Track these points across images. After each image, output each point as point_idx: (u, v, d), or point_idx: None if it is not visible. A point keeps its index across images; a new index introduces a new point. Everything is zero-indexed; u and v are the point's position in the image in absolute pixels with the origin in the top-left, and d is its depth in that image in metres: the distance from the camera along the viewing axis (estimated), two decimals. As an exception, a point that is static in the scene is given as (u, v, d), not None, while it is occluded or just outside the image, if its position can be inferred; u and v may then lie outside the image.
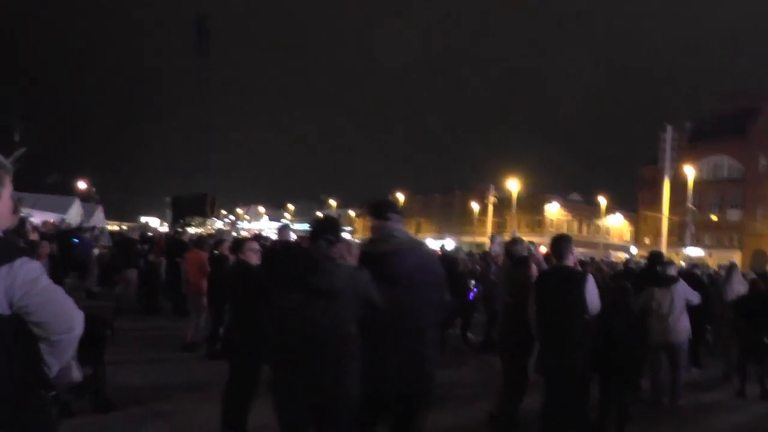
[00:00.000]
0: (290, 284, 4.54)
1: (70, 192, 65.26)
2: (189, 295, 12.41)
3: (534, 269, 7.65)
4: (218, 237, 16.45)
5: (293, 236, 12.69)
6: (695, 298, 9.52)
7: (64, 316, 2.70)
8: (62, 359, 2.76)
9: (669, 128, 53.70)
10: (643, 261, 21.01)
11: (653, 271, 10.81)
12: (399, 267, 4.72)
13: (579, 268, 7.77)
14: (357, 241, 6.96)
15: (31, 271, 2.62)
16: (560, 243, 6.97)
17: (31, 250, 8.66)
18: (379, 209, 5.07)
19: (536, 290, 6.90)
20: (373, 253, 4.83)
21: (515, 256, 8.19)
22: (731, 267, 11.94)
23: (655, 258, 11.66)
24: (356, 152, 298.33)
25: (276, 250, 8.82)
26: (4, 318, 2.55)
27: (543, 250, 10.68)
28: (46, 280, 2.68)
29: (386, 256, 4.75)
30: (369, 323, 4.45)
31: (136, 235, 20.14)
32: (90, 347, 7.69)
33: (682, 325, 9.24)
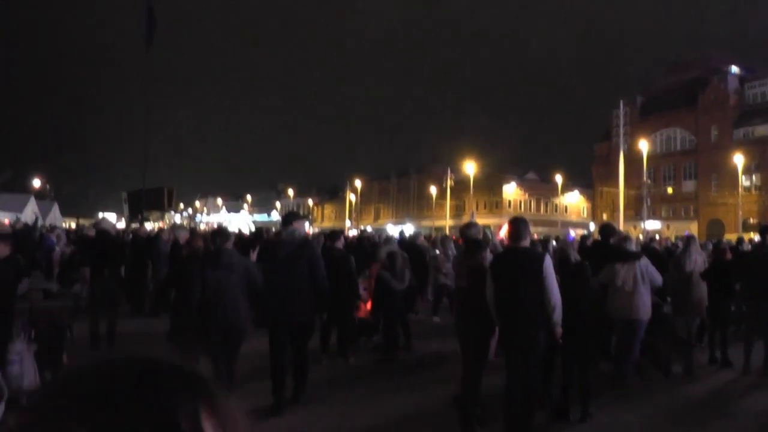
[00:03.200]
0: (209, 263, 7.80)
1: (25, 190, 64.27)
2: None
3: (487, 252, 7.71)
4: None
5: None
6: (658, 279, 9.46)
7: None
8: None
9: (621, 103, 54.14)
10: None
11: (607, 245, 10.83)
12: (283, 252, 7.89)
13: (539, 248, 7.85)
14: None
15: None
16: (517, 225, 7.05)
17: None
18: (287, 218, 8.40)
19: (492, 271, 6.96)
20: (274, 242, 8.75)
21: (469, 239, 8.22)
22: (689, 239, 12.05)
23: (607, 231, 11.58)
24: (312, 140, 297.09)
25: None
26: None
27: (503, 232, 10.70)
28: None
29: (279, 244, 8.19)
30: (270, 285, 7.78)
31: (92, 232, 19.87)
32: (49, 351, 7.62)
33: (645, 302, 9.21)
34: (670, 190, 74.66)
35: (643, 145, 56.77)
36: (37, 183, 72.56)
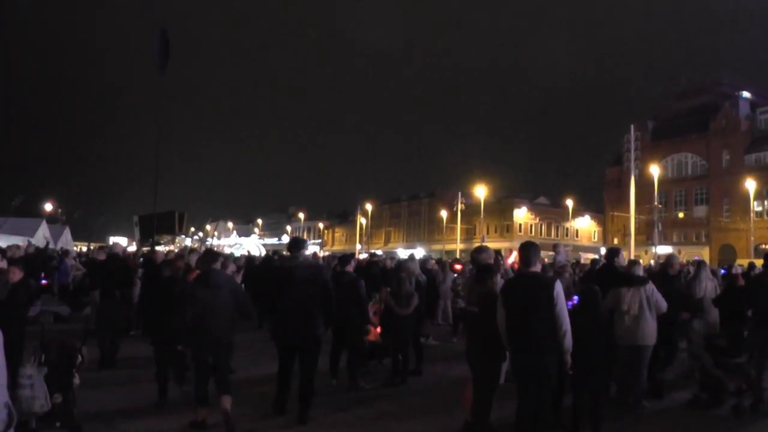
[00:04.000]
0: (199, 284, 8.20)
1: (36, 214, 64.53)
2: None
3: (498, 278, 7.69)
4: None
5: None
6: (663, 306, 9.31)
7: None
8: None
9: (632, 128, 54.11)
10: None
11: (613, 268, 10.74)
12: (296, 275, 8.49)
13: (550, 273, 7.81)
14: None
15: None
16: (528, 249, 7.02)
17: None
18: (294, 245, 9.13)
19: (503, 297, 6.92)
20: (284, 267, 9.09)
21: (480, 264, 8.19)
22: (699, 264, 11.97)
23: (612, 254, 11.46)
24: (323, 164, 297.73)
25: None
26: None
27: (513, 257, 10.69)
28: None
29: (291, 269, 8.65)
30: (283, 304, 8.45)
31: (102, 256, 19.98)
32: (59, 374, 7.63)
33: (651, 327, 9.10)
34: (681, 215, 74.45)
35: (655, 170, 56.77)
36: (48, 207, 72.94)
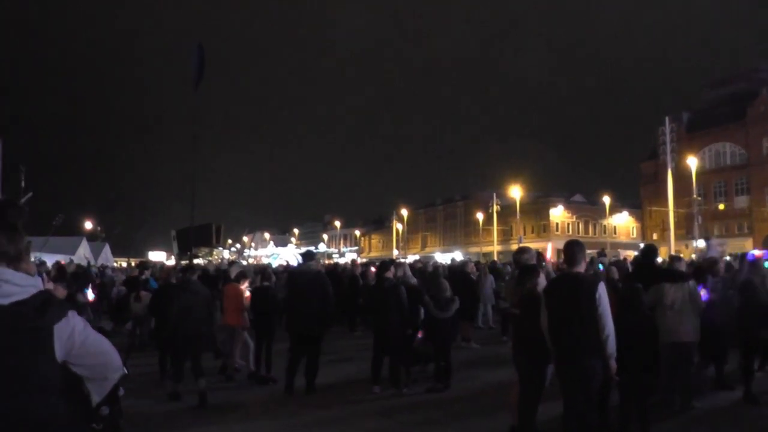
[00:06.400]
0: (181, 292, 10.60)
1: (77, 232, 65.33)
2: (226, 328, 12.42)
3: (542, 278, 7.55)
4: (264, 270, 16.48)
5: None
6: (702, 303, 9.21)
7: (109, 362, 2.94)
8: (103, 394, 2.97)
9: (667, 120, 53.51)
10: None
11: (651, 265, 10.54)
12: (301, 279, 11.09)
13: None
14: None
15: (80, 322, 2.82)
16: (571, 248, 6.84)
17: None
18: (306, 257, 12.23)
19: (546, 298, 6.77)
20: (295, 272, 12.55)
21: (522, 265, 8.07)
22: (743, 257, 11.70)
23: (650, 252, 11.24)
24: (358, 171, 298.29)
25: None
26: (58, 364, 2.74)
27: (549, 251, 10.55)
28: (92, 330, 2.88)
29: (300, 274, 11.49)
30: (292, 303, 11.00)
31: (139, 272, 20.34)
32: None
33: (694, 324, 8.95)
34: (721, 206, 73.14)
35: (692, 162, 55.96)
36: (88, 225, 73.81)
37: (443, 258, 56.85)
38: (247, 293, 12.42)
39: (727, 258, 19.81)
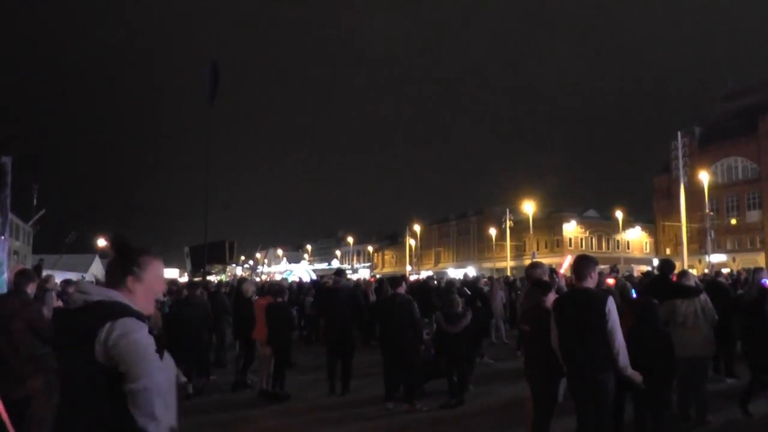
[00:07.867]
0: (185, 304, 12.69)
1: (90, 250, 65.61)
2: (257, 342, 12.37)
3: (552, 294, 7.57)
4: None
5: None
6: (715, 316, 9.20)
7: (142, 366, 2.84)
8: (145, 412, 2.81)
9: (679, 134, 53.39)
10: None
11: (666, 280, 10.55)
12: (337, 294, 12.57)
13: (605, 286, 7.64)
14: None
15: (129, 325, 2.86)
16: (579, 263, 6.86)
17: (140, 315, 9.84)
18: (338, 273, 14.23)
19: (555, 313, 6.78)
20: (329, 288, 14.08)
21: (534, 280, 8.11)
22: (755, 271, 11.68)
23: (666, 267, 11.24)
24: (370, 188, 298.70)
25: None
26: (102, 367, 2.81)
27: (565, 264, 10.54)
28: (140, 336, 2.87)
29: (338, 290, 12.84)
30: (330, 316, 12.41)
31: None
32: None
33: (707, 338, 8.96)
34: (734, 221, 72.76)
35: (704, 177, 55.79)
36: (101, 242, 74.14)
37: (456, 273, 56.73)
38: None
39: None
